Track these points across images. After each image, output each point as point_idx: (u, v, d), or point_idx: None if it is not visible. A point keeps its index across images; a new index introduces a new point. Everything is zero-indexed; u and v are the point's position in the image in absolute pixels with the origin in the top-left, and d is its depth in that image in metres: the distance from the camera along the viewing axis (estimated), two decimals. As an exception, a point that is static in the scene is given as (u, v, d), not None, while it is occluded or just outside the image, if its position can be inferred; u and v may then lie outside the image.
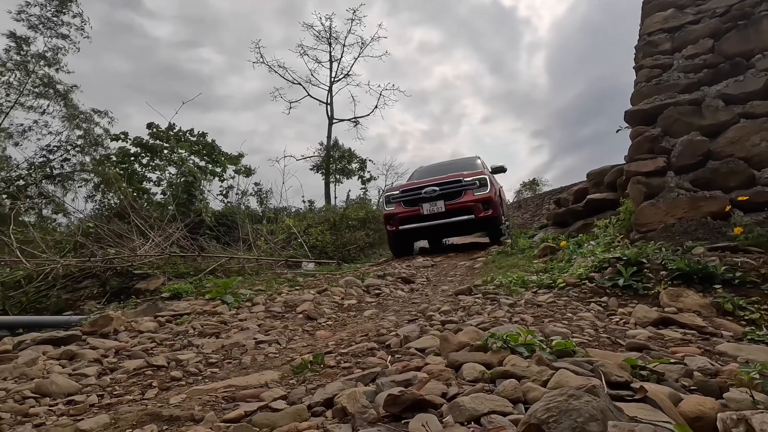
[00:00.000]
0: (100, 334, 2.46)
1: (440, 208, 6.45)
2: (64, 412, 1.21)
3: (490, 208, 6.42)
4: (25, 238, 6.63)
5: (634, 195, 3.68)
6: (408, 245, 7.37)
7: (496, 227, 6.75)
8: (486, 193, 6.44)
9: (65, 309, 5.71)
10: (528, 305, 2.39)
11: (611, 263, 2.84)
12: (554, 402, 0.66)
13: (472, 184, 6.52)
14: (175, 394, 1.30)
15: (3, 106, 13.26)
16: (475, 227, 6.91)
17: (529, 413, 0.69)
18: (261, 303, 3.15)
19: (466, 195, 6.45)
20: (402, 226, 6.75)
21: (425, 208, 6.54)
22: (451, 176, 6.82)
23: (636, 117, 3.86)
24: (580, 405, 0.65)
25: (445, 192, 6.55)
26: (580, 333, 1.65)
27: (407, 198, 6.84)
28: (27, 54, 13.63)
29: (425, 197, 6.61)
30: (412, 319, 2.28)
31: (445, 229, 6.86)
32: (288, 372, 1.47)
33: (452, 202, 6.44)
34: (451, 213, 6.42)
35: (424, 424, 0.77)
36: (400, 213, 6.77)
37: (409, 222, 6.70)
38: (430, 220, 6.54)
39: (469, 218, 6.39)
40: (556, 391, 0.70)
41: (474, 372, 1.14)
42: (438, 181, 6.73)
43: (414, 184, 7.03)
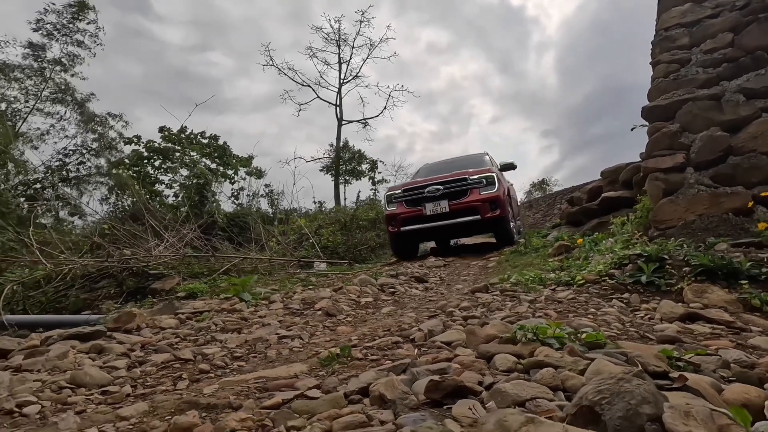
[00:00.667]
0: (124, 330, 2.50)
1: (444, 208, 6.13)
2: (101, 401, 1.23)
3: (497, 208, 6.06)
4: (43, 239, 6.76)
5: (653, 192, 3.63)
6: (411, 247, 7.04)
7: (504, 228, 6.41)
8: (493, 192, 6.09)
9: (83, 308, 5.81)
10: (548, 301, 2.37)
11: (632, 260, 2.80)
12: (605, 385, 0.66)
13: (478, 182, 6.17)
14: (207, 385, 1.32)
15: (21, 112, 13.58)
16: (482, 228, 6.60)
17: (579, 396, 0.69)
18: (279, 301, 3.17)
19: (472, 194, 6.13)
20: (404, 227, 6.44)
21: (428, 208, 6.22)
22: (455, 174, 6.45)
23: (653, 113, 3.81)
24: (631, 388, 0.64)
25: (450, 191, 6.22)
26: (607, 327, 1.63)
27: (409, 197, 6.52)
28: (43, 60, 13.93)
29: (428, 197, 6.29)
30: (432, 315, 2.28)
31: (450, 230, 6.56)
32: (315, 364, 1.48)
33: (457, 202, 6.11)
34: (456, 213, 6.11)
35: (471, 407, 0.77)
36: (402, 213, 6.45)
37: (412, 223, 6.39)
38: (434, 221, 6.23)
39: (475, 219, 6.05)
40: (605, 375, 0.70)
41: (507, 362, 1.13)
42: (442, 180, 6.39)
43: (416, 182, 6.72)
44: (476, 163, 7.26)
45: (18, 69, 13.44)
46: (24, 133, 13.25)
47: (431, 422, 0.74)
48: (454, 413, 0.79)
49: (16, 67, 13.57)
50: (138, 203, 8.34)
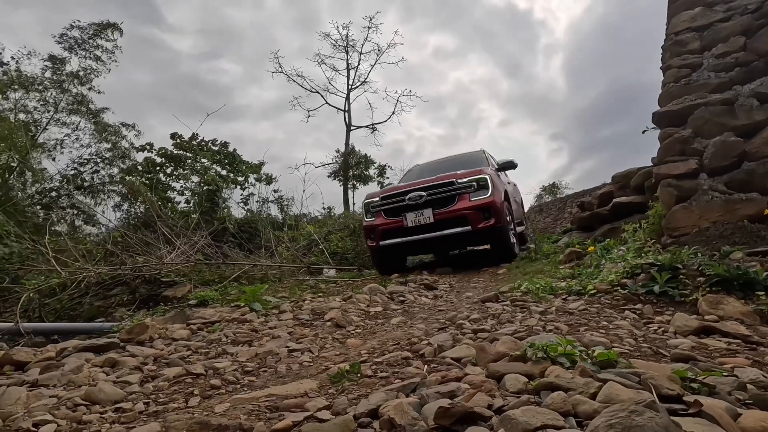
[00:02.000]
0: (137, 341, 2.53)
1: (428, 218, 5.27)
2: (115, 420, 1.25)
3: (491, 217, 5.16)
4: (59, 247, 6.89)
5: (665, 198, 3.58)
6: (396, 262, 6.12)
7: (501, 240, 5.45)
8: (486, 197, 5.20)
9: (97, 316, 5.91)
10: (559, 313, 2.35)
11: (644, 269, 2.77)
12: (616, 418, 0.65)
13: (467, 186, 5.29)
14: (218, 403, 1.33)
15: (41, 122, 13.93)
16: (474, 240, 5.71)
17: (590, 429, 0.68)
18: (288, 311, 3.19)
19: (461, 201, 5.27)
20: (384, 241, 5.56)
21: (409, 218, 5.35)
22: (440, 178, 5.55)
23: (665, 118, 3.77)
24: (643, 421, 0.64)
25: (434, 198, 5.34)
26: (620, 343, 1.61)
27: (389, 206, 5.62)
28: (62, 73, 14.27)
29: (410, 205, 5.41)
30: (442, 327, 2.27)
31: (435, 244, 5.72)
32: (325, 381, 1.48)
33: (442, 211, 5.25)
34: (442, 224, 5.24)
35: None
36: (381, 225, 5.58)
37: (392, 236, 5.52)
38: (416, 234, 5.36)
39: (465, 230, 5.17)
40: (616, 407, 0.69)
41: (517, 383, 1.13)
42: (424, 185, 5.50)
43: (396, 188, 5.87)
44: (471, 163, 6.51)
45: (38, 81, 13.81)
46: (43, 144, 13.57)
47: (441, 452, 0.73)
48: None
49: (35, 79, 13.94)
50: (150, 210, 8.46)
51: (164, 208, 11.29)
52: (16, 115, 13.41)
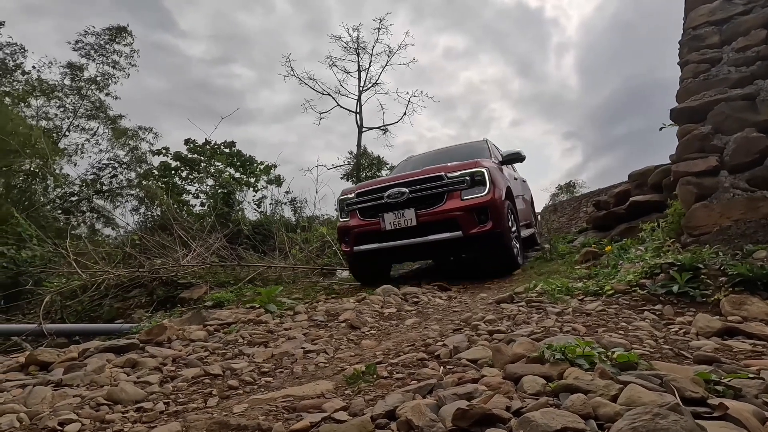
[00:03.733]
0: (156, 342, 2.58)
1: (409, 220, 4.39)
2: (136, 419, 1.27)
3: (488, 220, 4.26)
4: (79, 250, 7.06)
5: (684, 196, 3.50)
6: (377, 271, 5.19)
7: (499, 249, 4.49)
8: (482, 196, 4.31)
9: (117, 317, 6.04)
10: (576, 314, 2.32)
11: (663, 269, 2.71)
12: (640, 421, 0.64)
13: (459, 182, 4.38)
14: (236, 403, 1.35)
15: (62, 129, 14.34)
16: (465, 248, 4.59)
17: (614, 430, 0.67)
18: (303, 312, 3.21)
19: (450, 199, 4.37)
20: (358, 246, 4.71)
21: (387, 220, 4.46)
22: (426, 171, 4.64)
23: (683, 115, 3.69)
24: (668, 425, 0.62)
25: (418, 195, 4.45)
26: (640, 344, 1.58)
27: (364, 204, 4.75)
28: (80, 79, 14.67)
29: (389, 203, 4.52)
30: (457, 328, 2.26)
31: (418, 252, 4.78)
32: (341, 382, 1.49)
33: (427, 211, 4.36)
34: (426, 228, 4.36)
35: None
36: (356, 227, 4.73)
37: (368, 240, 4.65)
38: (396, 239, 4.48)
39: (454, 236, 4.28)
40: (639, 409, 0.68)
41: (535, 385, 1.11)
42: (407, 179, 4.57)
43: (374, 183, 4.93)
44: (471, 154, 5.60)
45: (58, 89, 14.23)
46: (63, 149, 13.98)
47: (460, 454, 0.73)
48: (483, 444, 0.78)
49: (56, 87, 14.36)
50: (167, 213, 8.61)
51: (180, 210, 11.48)
52: (38, 122, 13.82)
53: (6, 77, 13.56)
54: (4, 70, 13.48)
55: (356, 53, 19.74)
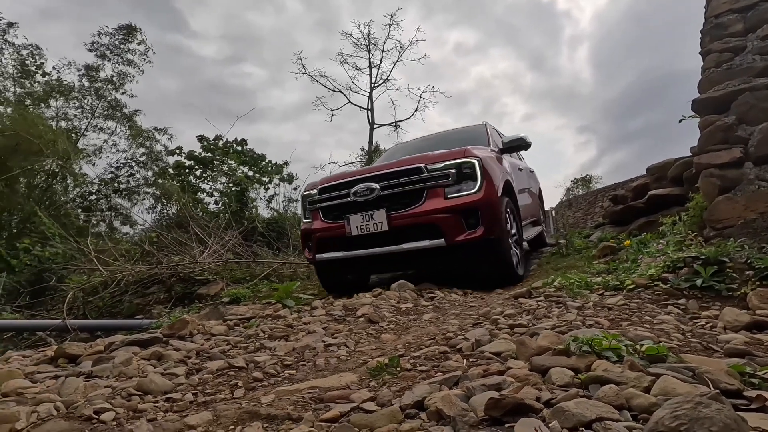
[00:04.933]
0: (178, 336, 2.63)
1: (379, 224, 3.61)
2: (167, 408, 1.30)
3: (479, 225, 3.48)
4: (99, 248, 7.23)
5: (707, 189, 3.43)
6: (348, 282, 4.45)
7: (495, 260, 3.69)
8: (471, 194, 3.51)
9: (136, 313, 6.17)
10: (597, 308, 2.29)
11: (687, 263, 2.66)
12: (682, 409, 0.64)
13: (442, 176, 3.56)
14: (263, 394, 1.37)
15: (80, 129, 14.69)
16: (451, 259, 3.74)
17: (654, 420, 0.67)
18: (320, 307, 3.24)
19: (431, 198, 3.56)
20: (321, 254, 4.03)
21: (353, 223, 3.71)
22: (402, 162, 3.81)
23: (706, 105, 3.60)
24: (711, 413, 0.62)
25: (390, 193, 3.65)
26: (667, 337, 1.56)
27: (328, 203, 3.98)
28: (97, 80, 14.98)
29: (356, 203, 3.75)
30: (476, 322, 2.25)
31: (391, 263, 3.99)
32: (365, 374, 1.50)
33: (402, 213, 3.58)
34: (400, 234, 3.60)
35: (537, 428, 0.77)
36: (318, 231, 4.02)
37: (331, 247, 3.95)
38: (363, 247, 3.75)
39: (435, 245, 3.52)
40: (680, 398, 0.67)
41: (564, 377, 1.11)
42: (377, 172, 3.79)
43: (340, 177, 4.11)
44: (467, 140, 4.68)
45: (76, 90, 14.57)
46: (83, 150, 14.32)
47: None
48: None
49: (73, 88, 14.70)
50: (183, 211, 8.75)
51: (195, 208, 11.65)
52: (58, 123, 14.17)
53: (27, 79, 13.92)
54: (26, 73, 13.84)
55: (367, 50, 19.74)
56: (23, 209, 11.53)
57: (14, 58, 13.82)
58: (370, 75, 20.01)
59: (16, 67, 13.89)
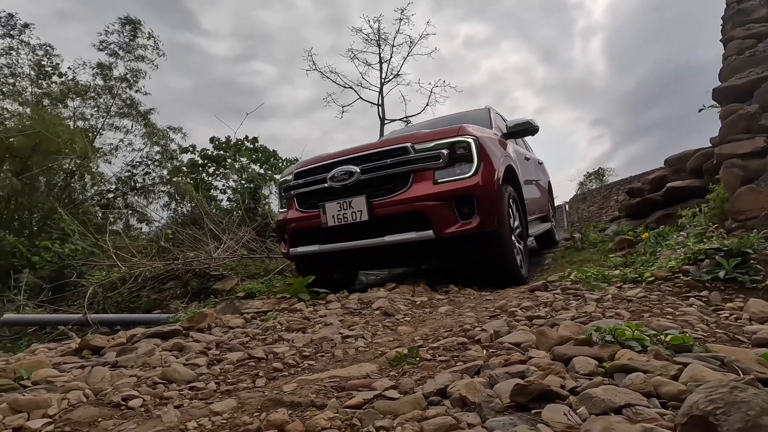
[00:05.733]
0: (197, 329, 2.67)
1: (359, 212, 3.21)
2: (193, 396, 1.33)
3: (475, 214, 3.06)
4: (117, 244, 7.38)
5: (728, 180, 3.35)
6: (331, 278, 4.00)
7: (494, 256, 3.28)
8: (466, 178, 3.09)
9: (154, 308, 6.29)
10: (617, 300, 2.26)
11: (708, 255, 2.61)
12: (716, 394, 0.63)
13: (431, 157, 3.14)
14: (284, 383, 1.38)
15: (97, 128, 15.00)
16: (440, 254, 3.36)
17: (688, 405, 0.66)
18: (335, 300, 3.26)
19: (418, 183, 3.14)
20: (295, 247, 3.65)
21: (329, 212, 3.32)
22: (385, 142, 3.43)
23: (727, 94, 3.52)
24: (748, 397, 0.61)
25: (372, 177, 3.25)
26: (691, 328, 1.53)
27: (302, 190, 3.59)
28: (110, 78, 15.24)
29: (333, 189, 3.37)
30: (493, 315, 2.24)
31: (374, 258, 3.61)
32: (384, 364, 1.51)
33: (385, 200, 3.18)
34: (383, 224, 3.20)
35: (566, 413, 0.76)
36: (293, 221, 3.62)
37: (306, 240, 3.56)
38: (340, 240, 3.36)
39: (423, 237, 3.10)
40: (714, 383, 0.66)
41: (588, 365, 1.10)
42: (357, 154, 3.37)
43: (317, 160, 3.65)
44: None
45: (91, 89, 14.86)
46: (100, 149, 14.61)
47: (523, 426, 0.73)
48: (545, 418, 0.78)
49: (89, 87, 14.99)
50: (197, 208, 8.88)
51: (208, 206, 11.80)
52: (75, 122, 14.46)
53: (45, 80, 14.23)
54: (43, 73, 14.14)
55: (377, 45, 19.68)
56: (43, 207, 11.82)
57: (30, 59, 14.13)
58: (380, 70, 19.96)
59: (33, 67, 14.21)
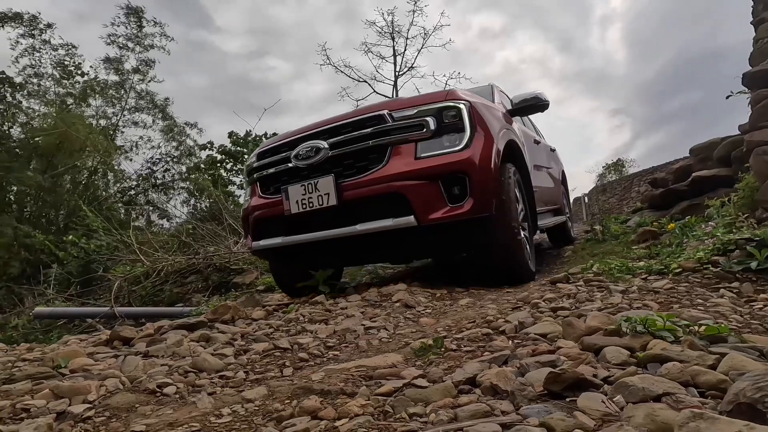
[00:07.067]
0: (221, 320, 2.73)
1: (325, 196, 2.70)
2: (224, 384, 1.36)
3: (467, 196, 2.56)
4: (139, 240, 7.57)
5: (759, 168, 3.24)
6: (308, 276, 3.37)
7: (494, 246, 2.84)
8: (455, 151, 2.57)
9: (177, 301, 6.44)
10: (643, 292, 2.22)
11: (739, 245, 2.53)
12: (764, 381, 0.61)
13: (413, 126, 2.62)
14: (312, 373, 1.41)
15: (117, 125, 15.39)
16: (426, 245, 3.02)
17: (733, 392, 0.65)
18: (355, 293, 3.28)
19: (396, 158, 2.62)
20: (257, 240, 3.17)
21: (292, 196, 2.81)
22: (359, 111, 2.93)
23: (758, 79, 3.39)
24: (797, 384, 0.59)
25: (342, 152, 2.74)
26: (724, 319, 1.49)
27: (266, 172, 3.11)
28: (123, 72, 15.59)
29: (297, 168, 2.87)
30: (515, 306, 2.23)
31: (345, 252, 3.10)
32: (409, 354, 1.51)
33: (356, 180, 2.68)
34: (355, 210, 2.70)
35: (604, 401, 0.76)
36: (255, 210, 3.16)
37: (270, 231, 3.09)
38: (306, 230, 2.87)
39: (402, 224, 2.59)
40: (760, 371, 0.64)
41: (620, 355, 1.08)
42: (327, 126, 2.86)
43: (283, 137, 3.14)
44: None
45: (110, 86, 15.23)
46: (121, 146, 14.99)
47: (560, 414, 0.73)
48: (581, 406, 0.77)
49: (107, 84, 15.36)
50: (216, 204, 9.02)
51: (227, 201, 11.99)
52: (98, 121, 14.85)
53: (67, 79, 14.62)
54: (66, 73, 14.53)
55: (391, 37, 19.55)
56: (68, 204, 12.19)
57: (52, 57, 14.51)
58: (394, 63, 19.84)
59: (56, 67, 14.60)
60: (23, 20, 14.09)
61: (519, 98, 3.80)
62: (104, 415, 1.16)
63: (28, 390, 1.37)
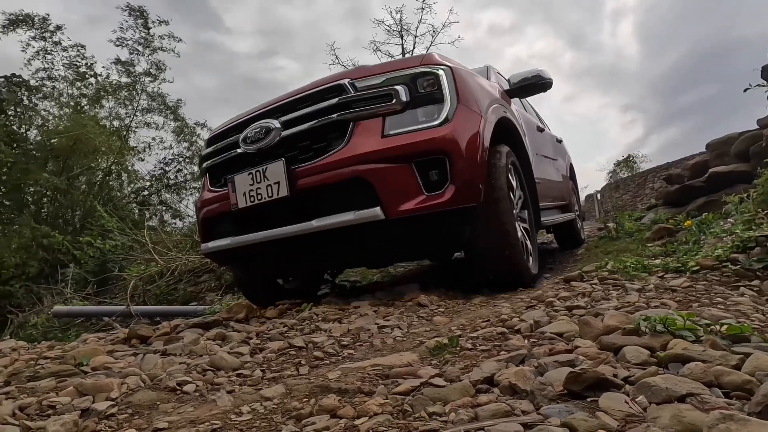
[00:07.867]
0: (236, 319, 2.77)
1: (275, 185, 2.25)
2: (242, 383, 1.38)
3: (448, 182, 2.10)
4: (153, 239, 7.69)
5: (780, 163, 3.16)
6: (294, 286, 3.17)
7: (485, 242, 2.46)
8: (432, 127, 2.09)
9: (190, 300, 6.53)
10: (660, 290, 2.19)
11: (759, 242, 2.48)
12: (794, 382, 0.60)
13: (379, 97, 2.14)
14: (328, 371, 1.42)
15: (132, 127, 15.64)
16: (396, 246, 2.66)
17: (762, 393, 0.64)
18: (366, 291, 3.29)
19: (360, 137, 2.14)
20: (206, 242, 2.80)
21: (240, 187, 2.38)
22: (316, 83, 2.43)
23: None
24: (829, 386, 0.58)
25: (295, 132, 2.29)
26: (746, 318, 1.47)
27: (214, 160, 2.71)
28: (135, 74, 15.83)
29: (246, 154, 2.45)
30: (530, 305, 2.22)
31: (301, 254, 2.56)
32: (424, 353, 1.52)
33: (311, 165, 2.22)
34: (311, 201, 2.26)
35: (627, 401, 0.75)
36: (203, 204, 2.78)
37: (219, 231, 2.71)
38: (253, 229, 2.45)
39: (366, 219, 2.11)
40: (789, 371, 0.63)
41: (640, 355, 1.07)
42: (280, 102, 2.46)
43: (234, 119, 2.70)
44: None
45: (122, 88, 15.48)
46: (134, 147, 15.24)
47: (581, 414, 0.72)
48: (603, 406, 0.77)
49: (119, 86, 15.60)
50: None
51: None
52: (111, 122, 15.10)
53: (81, 81, 14.89)
54: (80, 75, 14.79)
55: (400, 35, 19.53)
56: (84, 205, 12.43)
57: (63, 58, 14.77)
58: (402, 62, 19.79)
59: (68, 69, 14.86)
60: (34, 23, 14.37)
61: (518, 77, 3.29)
62: (127, 413, 1.18)
63: (52, 387, 1.41)
